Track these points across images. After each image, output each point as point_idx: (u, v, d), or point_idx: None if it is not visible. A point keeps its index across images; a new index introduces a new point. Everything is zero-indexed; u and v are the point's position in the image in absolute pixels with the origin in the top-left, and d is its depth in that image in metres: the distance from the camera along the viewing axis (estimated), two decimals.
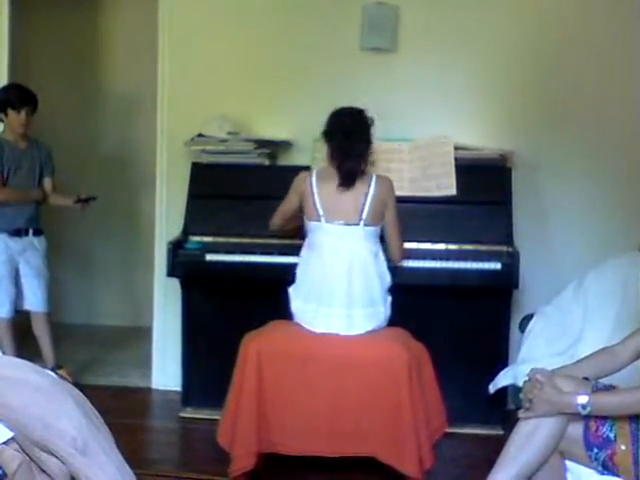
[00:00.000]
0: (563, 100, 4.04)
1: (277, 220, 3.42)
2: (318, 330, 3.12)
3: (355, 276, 3.10)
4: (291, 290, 3.23)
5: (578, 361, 2.42)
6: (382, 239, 3.29)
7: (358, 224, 3.13)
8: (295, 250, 3.57)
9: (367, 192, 3.14)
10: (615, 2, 3.98)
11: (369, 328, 3.14)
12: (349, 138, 3.14)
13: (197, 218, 3.93)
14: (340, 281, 3.10)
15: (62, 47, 5.79)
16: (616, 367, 2.34)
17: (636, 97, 3.96)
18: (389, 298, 3.22)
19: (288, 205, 3.32)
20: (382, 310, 3.18)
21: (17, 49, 4.63)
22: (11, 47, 4.55)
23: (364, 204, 3.13)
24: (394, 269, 3.31)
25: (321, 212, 3.14)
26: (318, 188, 3.16)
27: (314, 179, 3.19)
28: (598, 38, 3.98)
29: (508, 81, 4.07)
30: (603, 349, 2.40)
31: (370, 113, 3.22)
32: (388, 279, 3.23)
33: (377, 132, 3.29)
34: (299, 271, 3.23)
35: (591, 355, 2.40)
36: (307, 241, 3.24)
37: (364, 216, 3.13)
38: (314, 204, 3.15)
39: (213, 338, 3.88)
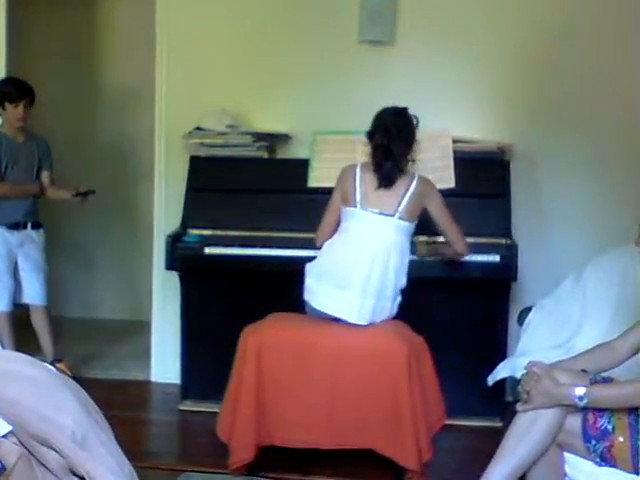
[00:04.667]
0: (562, 93, 4.03)
1: (325, 230, 3.29)
2: (327, 311, 3.11)
3: (376, 266, 3.09)
4: (308, 267, 3.20)
5: (576, 356, 2.42)
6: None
7: (393, 215, 3.14)
8: (294, 243, 3.58)
9: (407, 190, 3.16)
10: None
11: (374, 320, 3.13)
12: (388, 138, 3.16)
13: (196, 211, 3.93)
14: (361, 268, 3.08)
15: (60, 41, 5.77)
16: (614, 362, 2.34)
17: (635, 91, 3.95)
18: (399, 298, 3.21)
19: (333, 207, 3.27)
20: (389, 306, 3.17)
21: (15, 44, 4.62)
22: (9, 42, 4.54)
23: (402, 198, 3.15)
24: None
25: (358, 199, 3.16)
26: (361, 177, 3.19)
27: (358, 169, 3.22)
28: (598, 31, 3.97)
29: (507, 73, 4.07)
30: (601, 344, 2.40)
31: (412, 112, 3.23)
32: (404, 280, 3.21)
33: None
34: (321, 251, 3.22)
35: (589, 350, 2.40)
36: (339, 228, 3.23)
37: (400, 209, 3.14)
38: (354, 190, 3.17)
39: (212, 331, 3.88)
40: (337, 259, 3.14)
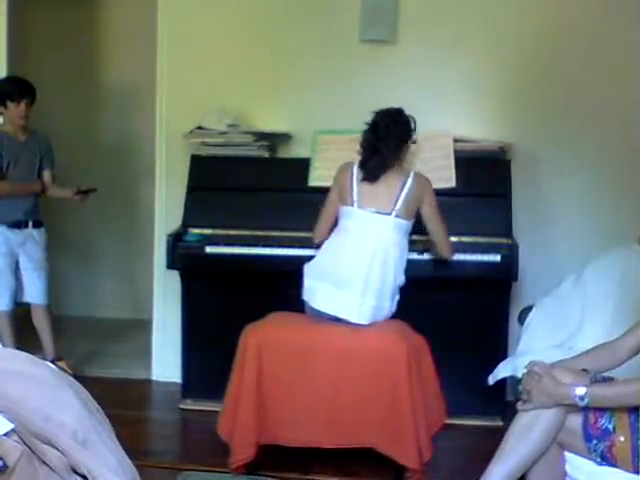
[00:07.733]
0: (563, 92, 4.03)
1: (322, 227, 3.33)
2: (327, 311, 3.11)
3: (375, 265, 3.09)
4: (306, 267, 3.21)
5: (577, 356, 2.42)
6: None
7: (390, 214, 3.14)
8: (295, 243, 3.58)
9: (403, 186, 3.16)
10: None
11: (374, 320, 3.13)
12: (376, 136, 3.19)
13: (196, 210, 3.94)
14: (360, 267, 3.08)
15: (61, 40, 5.77)
16: (615, 363, 2.34)
17: (636, 90, 3.96)
18: (397, 296, 3.21)
19: (330, 205, 3.29)
20: (388, 305, 3.17)
21: (15, 42, 4.62)
22: (9, 40, 4.54)
23: (399, 196, 3.15)
24: None
25: (355, 197, 3.16)
26: (357, 176, 3.20)
27: (355, 167, 3.23)
28: (598, 30, 3.97)
29: (508, 73, 4.07)
30: (602, 344, 2.39)
31: (413, 113, 3.25)
32: (402, 278, 3.21)
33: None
34: (320, 250, 3.23)
35: (590, 350, 2.40)
36: (337, 227, 3.24)
37: (397, 207, 3.14)
38: (351, 189, 3.18)
39: (213, 330, 3.88)
40: (336, 258, 3.14)
